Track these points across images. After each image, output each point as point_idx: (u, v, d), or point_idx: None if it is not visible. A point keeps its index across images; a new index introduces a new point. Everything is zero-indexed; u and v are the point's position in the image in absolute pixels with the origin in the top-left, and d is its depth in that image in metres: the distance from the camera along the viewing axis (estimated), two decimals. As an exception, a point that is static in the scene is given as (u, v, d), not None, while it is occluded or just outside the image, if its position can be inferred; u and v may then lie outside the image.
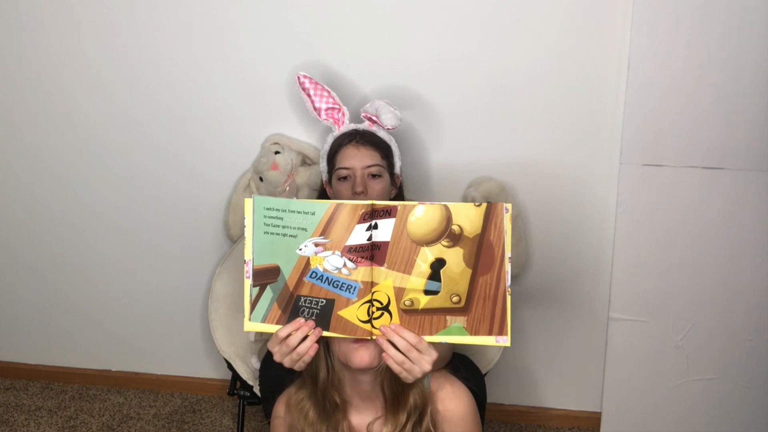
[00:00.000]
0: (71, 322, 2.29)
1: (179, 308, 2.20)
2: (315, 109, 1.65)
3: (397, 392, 1.23)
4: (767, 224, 1.82)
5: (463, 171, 1.90)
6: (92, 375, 2.34)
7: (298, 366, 1.18)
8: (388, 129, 1.61)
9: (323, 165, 1.68)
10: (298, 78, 1.65)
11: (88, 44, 1.96)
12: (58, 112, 2.05)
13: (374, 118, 1.63)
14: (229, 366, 1.78)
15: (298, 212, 1.13)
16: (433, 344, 1.16)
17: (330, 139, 1.65)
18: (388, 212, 1.12)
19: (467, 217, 1.11)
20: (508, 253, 1.11)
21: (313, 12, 1.84)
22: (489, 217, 1.11)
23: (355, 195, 1.52)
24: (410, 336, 1.13)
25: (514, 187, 1.91)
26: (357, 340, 1.17)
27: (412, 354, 1.13)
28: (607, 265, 1.93)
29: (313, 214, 1.13)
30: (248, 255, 1.14)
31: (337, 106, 1.65)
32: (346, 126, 1.65)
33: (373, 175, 1.55)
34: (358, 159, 1.55)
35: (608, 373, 1.99)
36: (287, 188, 1.88)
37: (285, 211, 1.14)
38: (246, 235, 1.13)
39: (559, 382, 2.11)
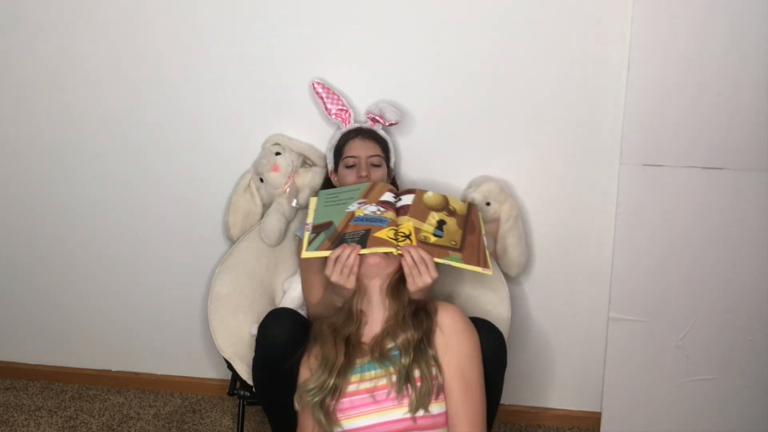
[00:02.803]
0: (71, 322, 2.29)
1: (179, 308, 2.20)
2: (327, 109, 1.85)
3: (398, 304, 1.50)
4: (767, 224, 1.82)
5: (463, 170, 1.90)
6: (92, 375, 2.34)
7: (350, 282, 1.48)
8: (391, 124, 1.83)
9: (330, 156, 1.87)
10: (313, 85, 1.85)
11: (88, 43, 1.96)
12: (57, 112, 2.05)
13: (377, 117, 1.83)
14: (229, 366, 1.78)
15: (349, 191, 1.63)
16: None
17: (338, 134, 1.85)
18: (408, 191, 1.63)
19: (458, 204, 1.65)
20: (483, 231, 1.62)
21: (315, 12, 1.84)
22: (470, 209, 1.67)
23: (359, 179, 1.74)
24: (424, 252, 1.48)
25: (514, 187, 1.91)
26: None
27: (422, 266, 1.47)
28: (607, 265, 1.93)
29: (358, 189, 1.62)
30: (310, 220, 1.57)
31: (345, 108, 1.85)
32: (352, 124, 1.85)
33: (374, 165, 1.78)
34: (363, 149, 1.77)
35: (608, 373, 1.99)
36: (287, 189, 1.89)
37: (340, 192, 1.64)
38: (309, 210, 1.59)
39: (559, 382, 2.11)
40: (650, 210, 1.85)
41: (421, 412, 1.39)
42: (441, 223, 1.56)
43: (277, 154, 1.88)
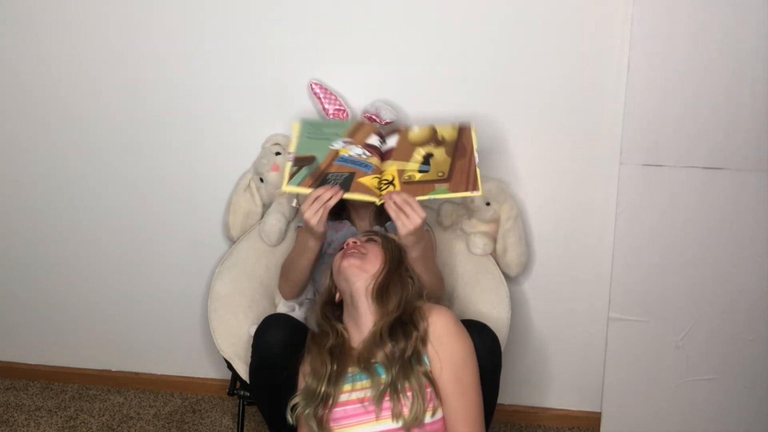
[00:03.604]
0: (71, 322, 2.29)
1: (179, 308, 2.20)
2: (324, 109, 1.83)
3: (383, 310, 1.46)
4: (767, 224, 1.82)
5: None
6: (92, 375, 2.34)
7: (320, 225, 1.55)
8: (387, 122, 1.80)
9: None
10: (311, 86, 1.83)
11: (88, 44, 1.96)
12: (56, 113, 2.05)
13: (373, 116, 1.81)
14: (229, 366, 1.78)
15: (334, 125, 1.66)
16: (428, 270, 1.60)
17: None
18: (393, 132, 1.65)
19: (447, 132, 1.63)
20: (475, 146, 1.59)
21: (314, 13, 1.84)
22: (461, 132, 1.63)
23: None
24: (406, 195, 1.52)
25: (514, 187, 1.91)
26: (347, 255, 1.51)
27: (407, 208, 1.51)
28: (607, 265, 1.93)
29: (343, 126, 1.65)
30: (292, 149, 1.59)
31: (342, 108, 1.83)
32: None
33: None
34: None
35: (608, 373, 1.99)
36: (287, 189, 1.89)
37: (325, 126, 1.66)
38: (292, 139, 1.61)
39: (559, 382, 2.11)
40: (650, 210, 1.85)
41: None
42: (428, 157, 1.58)
43: (277, 154, 1.88)
